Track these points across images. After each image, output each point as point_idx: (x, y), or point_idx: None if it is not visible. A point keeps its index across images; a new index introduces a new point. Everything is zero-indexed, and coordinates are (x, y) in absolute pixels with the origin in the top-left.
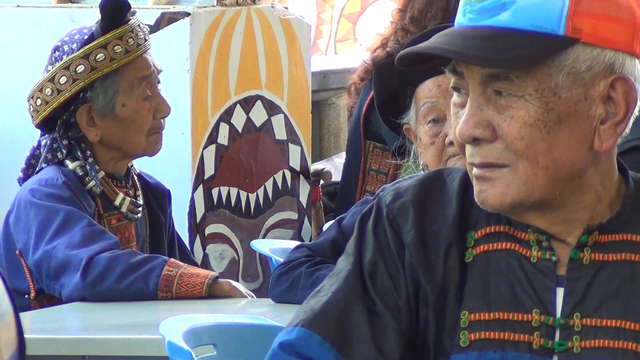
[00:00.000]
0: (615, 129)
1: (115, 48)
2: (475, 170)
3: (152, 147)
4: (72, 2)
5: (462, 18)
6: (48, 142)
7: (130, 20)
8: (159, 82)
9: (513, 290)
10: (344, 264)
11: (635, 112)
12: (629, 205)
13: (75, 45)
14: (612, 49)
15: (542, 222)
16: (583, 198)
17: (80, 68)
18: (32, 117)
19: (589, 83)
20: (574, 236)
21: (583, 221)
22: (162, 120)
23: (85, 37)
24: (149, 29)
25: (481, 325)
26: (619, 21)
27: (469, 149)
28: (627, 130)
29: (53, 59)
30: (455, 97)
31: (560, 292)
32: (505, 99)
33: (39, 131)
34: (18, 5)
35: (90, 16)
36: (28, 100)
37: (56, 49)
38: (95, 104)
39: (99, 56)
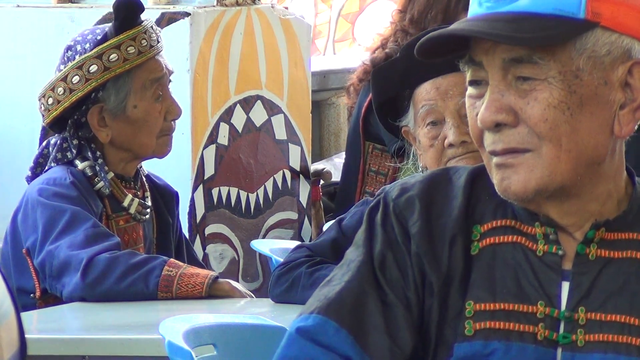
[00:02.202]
0: (633, 114)
1: (128, 49)
2: (496, 159)
3: (162, 148)
4: (72, 2)
5: (478, 8)
6: (58, 141)
7: (143, 21)
8: (170, 81)
9: (519, 282)
10: (354, 254)
11: None
12: (636, 205)
13: (88, 45)
14: (629, 35)
15: (557, 213)
16: (597, 187)
17: (94, 68)
18: (43, 116)
19: (608, 67)
20: (581, 231)
21: (593, 214)
22: (172, 122)
23: (99, 37)
24: (161, 31)
25: (486, 315)
26: (636, 9)
27: (489, 137)
28: None
29: (65, 59)
30: (472, 90)
31: (565, 286)
32: (527, 83)
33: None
34: (18, 5)
35: (90, 16)
36: (39, 99)
37: (69, 48)
38: (106, 105)
39: (112, 56)
